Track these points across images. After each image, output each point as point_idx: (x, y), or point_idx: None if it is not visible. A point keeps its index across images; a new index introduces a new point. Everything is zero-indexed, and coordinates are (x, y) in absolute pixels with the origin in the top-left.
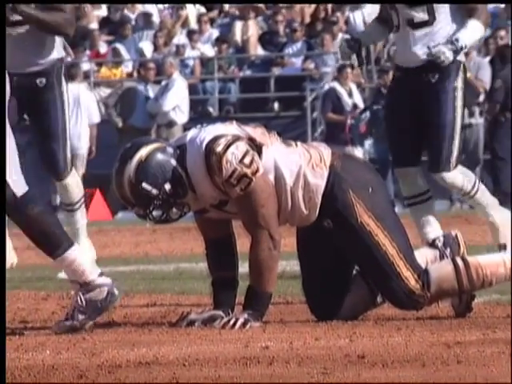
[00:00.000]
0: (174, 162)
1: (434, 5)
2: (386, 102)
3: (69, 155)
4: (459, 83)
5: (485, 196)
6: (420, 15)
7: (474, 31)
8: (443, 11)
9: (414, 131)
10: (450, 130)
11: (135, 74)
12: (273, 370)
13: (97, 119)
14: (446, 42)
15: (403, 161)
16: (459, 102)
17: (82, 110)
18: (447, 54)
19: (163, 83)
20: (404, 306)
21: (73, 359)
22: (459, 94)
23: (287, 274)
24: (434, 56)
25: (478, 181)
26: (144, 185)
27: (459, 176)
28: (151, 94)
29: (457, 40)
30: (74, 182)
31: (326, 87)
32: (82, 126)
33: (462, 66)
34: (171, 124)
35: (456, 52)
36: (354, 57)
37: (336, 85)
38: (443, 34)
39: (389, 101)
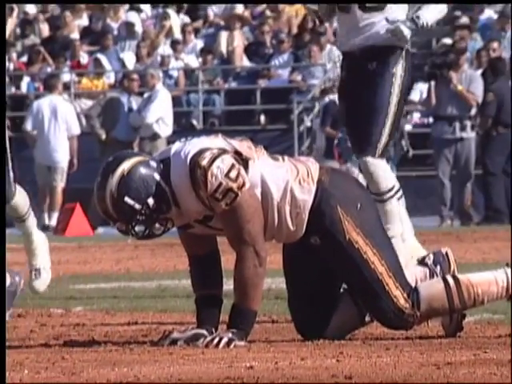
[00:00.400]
0: (157, 176)
1: None
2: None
3: (12, 175)
4: (399, 70)
5: (398, 210)
6: None
7: (436, 9)
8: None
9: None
10: (382, 116)
11: (117, 86)
12: None
13: (77, 131)
14: (406, 20)
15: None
16: (396, 89)
17: (59, 123)
18: (405, 32)
19: (146, 95)
20: (393, 325)
21: (52, 379)
22: (397, 81)
23: (273, 292)
24: (391, 32)
25: (399, 191)
26: (126, 199)
27: (383, 167)
28: (135, 106)
29: (418, 17)
30: (21, 198)
31: (326, 100)
32: (60, 139)
33: (403, 52)
34: (155, 137)
35: (416, 30)
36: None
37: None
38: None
39: (339, 89)
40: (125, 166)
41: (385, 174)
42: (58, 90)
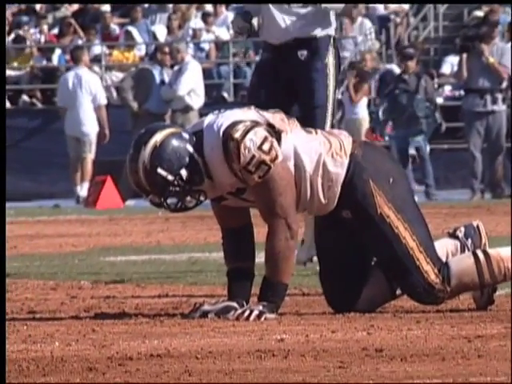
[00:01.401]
0: (190, 147)
1: None
2: (251, 82)
3: None
4: (330, 59)
5: None
6: None
7: None
8: None
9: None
10: (322, 111)
11: (148, 58)
12: (288, 364)
13: (103, 101)
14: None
15: None
16: (331, 80)
17: (84, 94)
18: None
19: (176, 68)
20: (423, 300)
21: (82, 351)
22: (331, 71)
23: None
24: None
25: None
26: (159, 170)
27: None
28: (167, 79)
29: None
30: None
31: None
32: (87, 111)
33: (331, 40)
34: (187, 109)
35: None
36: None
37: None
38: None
39: (255, 81)
40: (157, 137)
41: None
42: (83, 62)
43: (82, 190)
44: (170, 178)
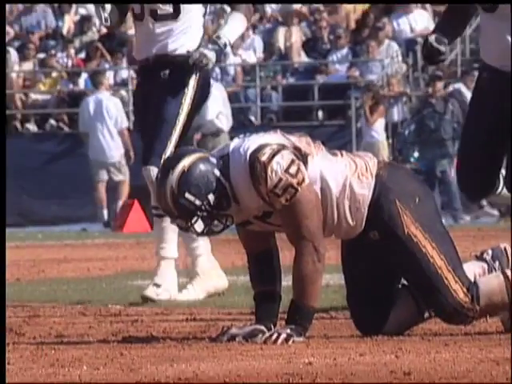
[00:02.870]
0: (217, 172)
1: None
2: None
3: None
4: (191, 81)
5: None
6: (166, 7)
7: (235, 25)
8: (190, 9)
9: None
10: (169, 127)
11: None
12: None
13: (125, 124)
14: (208, 42)
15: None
16: (187, 100)
17: (106, 119)
18: (209, 56)
19: None
20: (452, 320)
21: (110, 375)
22: (189, 92)
23: (331, 288)
24: (195, 60)
25: None
26: (187, 195)
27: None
28: None
29: (218, 37)
30: None
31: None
32: (110, 135)
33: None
34: (218, 132)
35: (220, 51)
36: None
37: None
38: (189, 33)
39: (136, 99)
40: (185, 162)
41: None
42: (104, 86)
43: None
44: (198, 202)
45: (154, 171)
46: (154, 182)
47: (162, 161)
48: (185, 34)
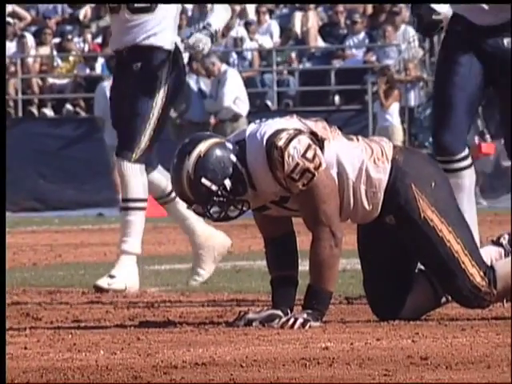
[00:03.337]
0: (233, 157)
1: None
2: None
3: None
4: (164, 73)
5: (139, 223)
6: None
7: (221, 14)
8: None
9: None
10: (143, 120)
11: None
12: (333, 372)
13: None
14: (199, 29)
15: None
16: (161, 93)
17: None
18: (204, 40)
19: (213, 79)
20: (470, 303)
21: (127, 360)
22: (162, 85)
23: (348, 273)
24: (191, 46)
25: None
26: (203, 180)
27: (135, 173)
28: (203, 86)
29: (209, 25)
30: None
31: None
32: None
33: (170, 55)
34: (236, 117)
35: (211, 36)
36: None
37: None
38: (164, 25)
39: (110, 92)
40: (201, 147)
41: (135, 180)
42: None
43: None
44: (214, 188)
45: (124, 165)
46: (123, 175)
47: (180, 146)
48: (159, 25)
